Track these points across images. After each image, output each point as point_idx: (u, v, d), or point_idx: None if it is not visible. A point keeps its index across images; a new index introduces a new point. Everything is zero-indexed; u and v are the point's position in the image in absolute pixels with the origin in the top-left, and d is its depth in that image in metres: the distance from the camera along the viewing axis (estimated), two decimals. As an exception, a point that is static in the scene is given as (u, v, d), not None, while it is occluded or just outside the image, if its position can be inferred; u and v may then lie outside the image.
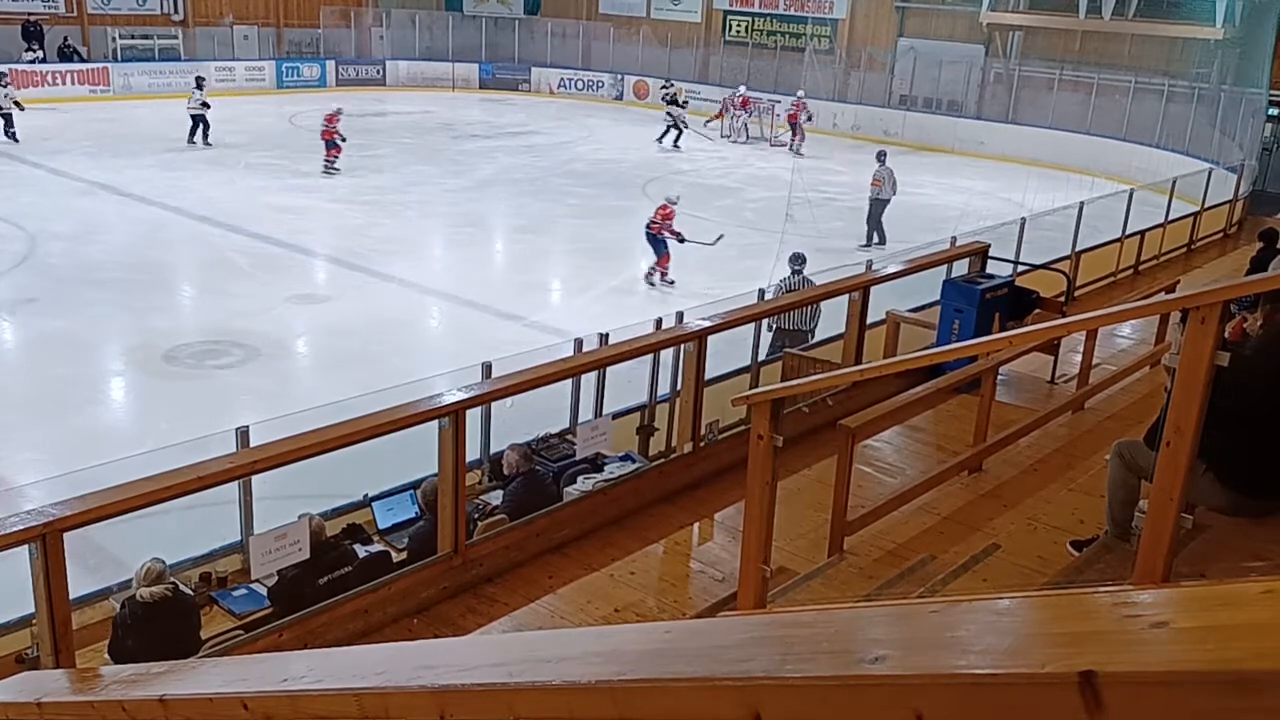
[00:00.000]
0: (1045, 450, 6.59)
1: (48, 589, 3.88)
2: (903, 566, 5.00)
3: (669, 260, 14.04)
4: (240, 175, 20.16)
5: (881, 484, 6.10)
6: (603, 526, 6.06)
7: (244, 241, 15.72)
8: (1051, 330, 6.38)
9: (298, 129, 25.99)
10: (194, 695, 1.97)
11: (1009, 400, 7.28)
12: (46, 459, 8.41)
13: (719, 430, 7.04)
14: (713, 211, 19.54)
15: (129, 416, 10.33)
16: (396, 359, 10.92)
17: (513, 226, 18.63)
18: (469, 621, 5.06)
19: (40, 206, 16.74)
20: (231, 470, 4.91)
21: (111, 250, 14.95)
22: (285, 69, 31.56)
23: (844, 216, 19.52)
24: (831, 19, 31.83)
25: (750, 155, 25.76)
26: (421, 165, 22.27)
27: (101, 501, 4.12)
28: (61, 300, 12.73)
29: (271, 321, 11.94)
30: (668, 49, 33.45)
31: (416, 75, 33.67)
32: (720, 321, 7.31)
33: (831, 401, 7.37)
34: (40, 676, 3.20)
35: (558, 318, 12.56)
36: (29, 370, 11.03)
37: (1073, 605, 0.98)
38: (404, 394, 5.60)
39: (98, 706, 2.24)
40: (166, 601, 4.00)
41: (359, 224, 17.05)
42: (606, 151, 25.20)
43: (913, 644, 0.97)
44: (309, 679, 1.75)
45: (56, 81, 27.19)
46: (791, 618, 1.75)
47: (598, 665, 1.27)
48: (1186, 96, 24.39)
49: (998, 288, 8.39)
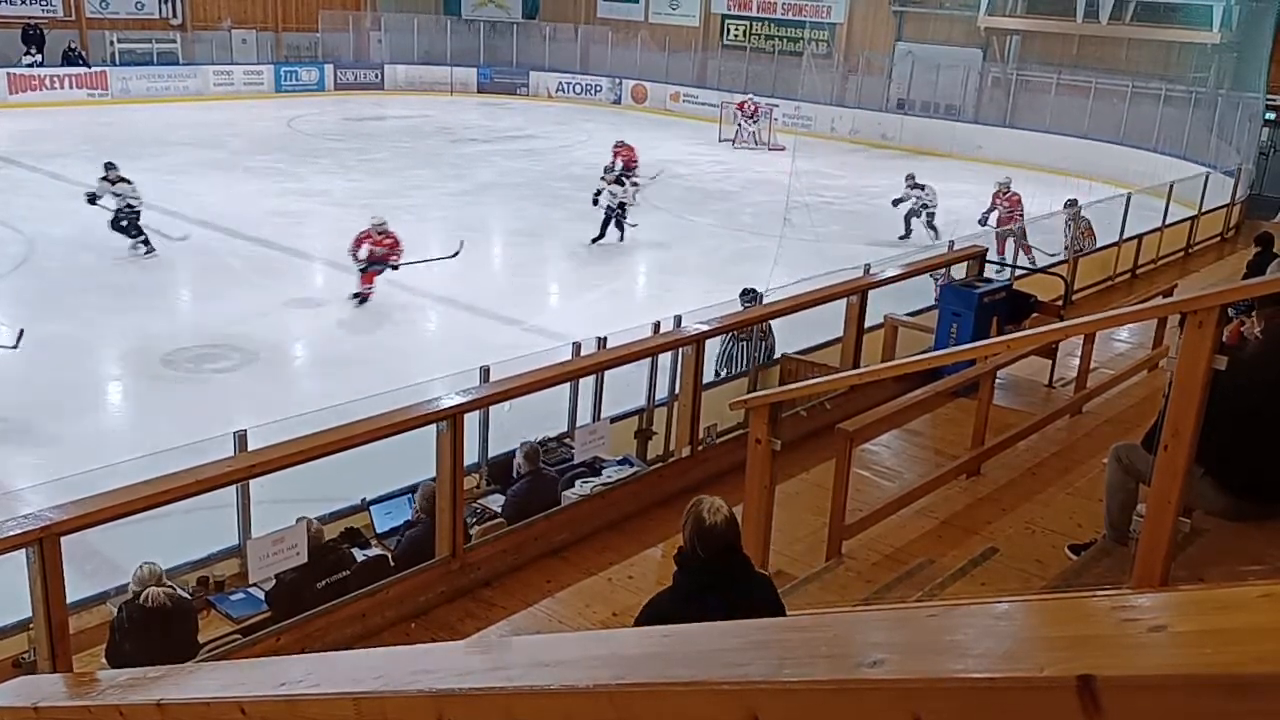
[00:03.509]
0: (1043, 454, 6.60)
1: (45, 593, 3.87)
2: (901, 570, 5.01)
3: (370, 280, 13.22)
4: (238, 179, 20.15)
5: (880, 488, 6.11)
6: (601, 530, 6.06)
7: (242, 245, 15.71)
8: (1049, 334, 6.39)
9: (296, 133, 26.01)
10: (191, 700, 1.96)
11: (1007, 404, 7.28)
12: (44, 463, 8.39)
13: (717, 434, 7.05)
14: (710, 215, 19.57)
15: (127, 420, 10.32)
16: (394, 363, 10.91)
17: (511, 230, 18.62)
18: (467, 625, 5.06)
19: (38, 210, 16.73)
20: (229, 474, 4.91)
21: (108, 254, 14.93)
22: (284, 73, 31.57)
23: (841, 220, 19.54)
24: (829, 23, 31.87)
25: (749, 159, 25.79)
26: (420, 169, 22.27)
27: (99, 505, 4.12)
28: (59, 304, 12.71)
29: (269, 325, 11.94)
30: (666, 53, 33.50)
31: (415, 79, 33.68)
32: (718, 325, 7.32)
33: (830, 405, 7.38)
34: (37, 681, 3.20)
35: (556, 321, 12.56)
36: (26, 374, 11.01)
37: (1071, 609, 0.98)
38: (402, 398, 5.60)
39: (94, 711, 2.23)
40: (164, 605, 4.00)
41: (357, 228, 17.01)
42: (605, 155, 25.17)
43: (911, 648, 0.97)
44: (307, 683, 1.75)
45: (55, 85, 27.18)
46: (789, 621, 1.75)
47: (596, 669, 1.27)
48: (1184, 100, 24.42)
49: (996, 291, 8.41)
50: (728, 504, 3.21)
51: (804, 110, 29.57)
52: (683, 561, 3.11)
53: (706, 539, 3.08)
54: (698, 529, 3.08)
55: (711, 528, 3.07)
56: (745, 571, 3.17)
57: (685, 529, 3.12)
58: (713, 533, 3.07)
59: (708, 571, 3.06)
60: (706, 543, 3.07)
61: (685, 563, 3.10)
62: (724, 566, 3.08)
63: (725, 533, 3.10)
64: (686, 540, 3.11)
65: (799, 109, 29.54)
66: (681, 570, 3.10)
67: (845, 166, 25.25)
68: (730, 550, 3.12)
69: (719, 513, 3.11)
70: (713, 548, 3.07)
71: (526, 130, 28.57)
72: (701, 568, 3.06)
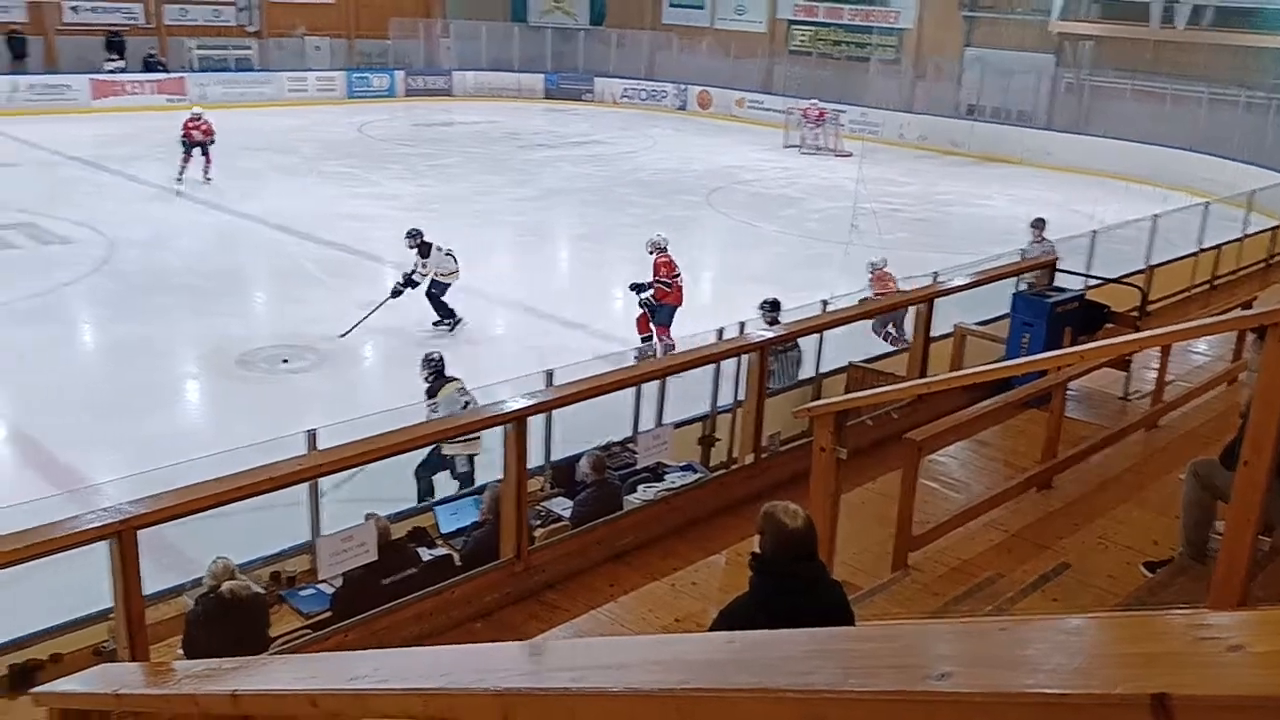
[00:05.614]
0: (1117, 468, 6.45)
1: (124, 585, 3.99)
2: (969, 584, 4.93)
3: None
4: (313, 184, 20.56)
5: (947, 499, 6.02)
6: (664, 536, 6.06)
7: (315, 248, 16.02)
8: (1124, 345, 6.25)
9: (367, 138, 26.46)
10: (265, 691, 2.01)
11: (1079, 416, 7.13)
12: (122, 459, 8.64)
13: (781, 442, 7.01)
14: (775, 222, 19.48)
15: (203, 418, 10.58)
16: (461, 365, 11.04)
17: (576, 235, 18.75)
18: (531, 627, 5.09)
19: (118, 213, 17.23)
20: (301, 472, 5.02)
21: (185, 256, 15.34)
22: (355, 79, 32.17)
23: (909, 227, 19.32)
24: (898, 29, 31.57)
25: (814, 165, 25.64)
26: (487, 175, 22.52)
27: (175, 500, 4.23)
28: (137, 305, 13.09)
29: (341, 327, 12.14)
30: (731, 59, 33.45)
31: (483, 85, 34.08)
32: (783, 333, 7.29)
33: (896, 414, 7.30)
34: (117, 669, 3.30)
35: (621, 326, 12.61)
36: (107, 373, 11.35)
37: (1146, 626, 0.97)
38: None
39: (172, 700, 2.30)
40: (238, 599, 4.10)
41: (426, 232, 17.27)
42: (669, 161, 25.25)
43: (980, 661, 0.97)
44: (375, 678, 1.79)
45: (136, 91, 28.02)
46: (856, 631, 1.74)
47: (660, 673, 1.28)
48: (1264, 107, 23.75)
49: (1068, 301, 8.24)
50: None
51: (871, 116, 29.32)
52: (760, 567, 3.05)
53: (786, 543, 3.02)
54: (777, 533, 3.03)
55: (793, 532, 3.01)
56: (822, 578, 3.13)
57: (762, 534, 3.05)
58: (793, 537, 3.01)
59: (787, 576, 3.00)
60: (786, 547, 3.01)
61: (763, 568, 3.04)
62: (803, 572, 3.03)
63: (805, 538, 3.05)
64: (764, 545, 3.05)
65: (866, 115, 29.30)
66: (759, 575, 3.04)
67: (913, 173, 24.99)
68: (810, 556, 3.08)
69: (798, 517, 3.05)
70: (792, 553, 3.02)
71: (592, 136, 28.73)
72: (781, 572, 3.00)
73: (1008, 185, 23.95)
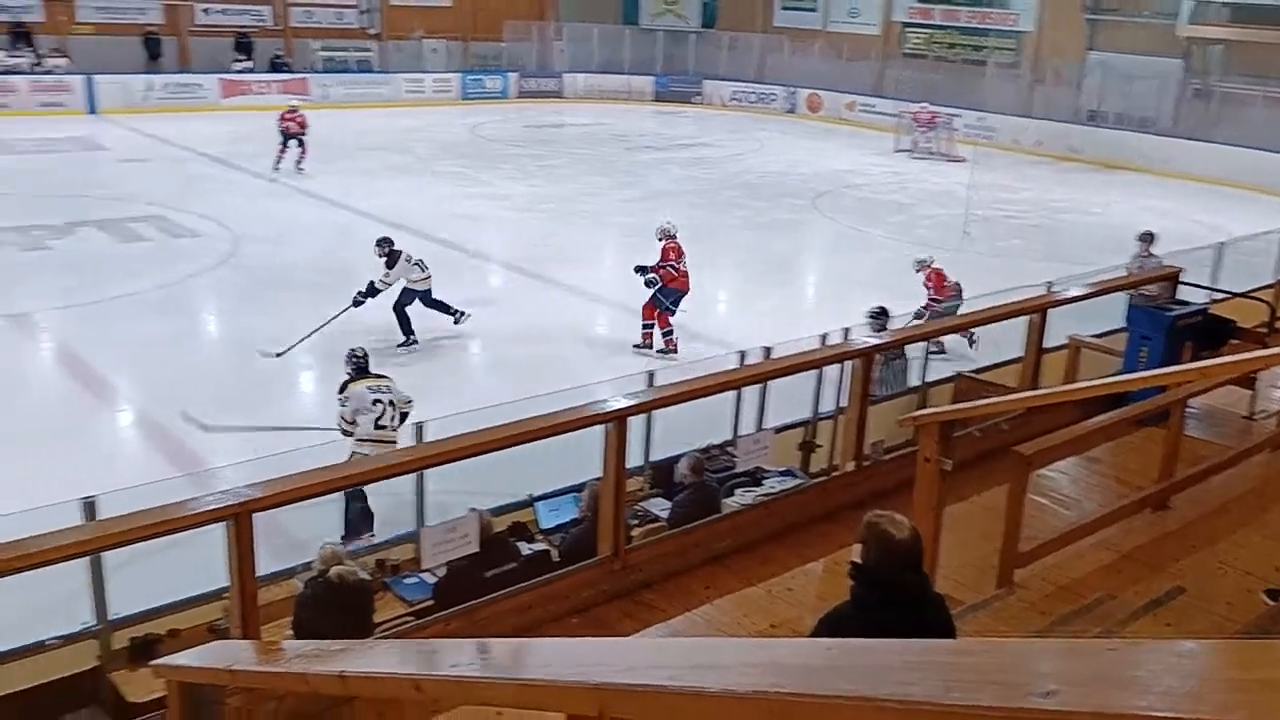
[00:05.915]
0: (1239, 490, 6.18)
1: (239, 565, 4.15)
2: (1077, 604, 4.78)
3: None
4: (427, 183, 21.05)
5: (1056, 515, 5.85)
6: (762, 541, 6.03)
7: (428, 246, 16.36)
8: (1250, 362, 5.99)
9: (480, 139, 26.97)
10: (371, 673, 2.08)
11: (1199, 435, 6.85)
12: (241, 444, 9.00)
13: (884, 450, 6.91)
14: (884, 227, 19.19)
15: (317, 408, 10.91)
16: (564, 364, 11.17)
17: (682, 238, 18.71)
18: (626, 625, 5.12)
19: (243, 208, 17.91)
20: (407, 464, 5.15)
21: (305, 252, 15.86)
22: (470, 81, 32.83)
23: (1024, 234, 18.84)
24: (1017, 31, 30.80)
25: (925, 170, 25.18)
26: (595, 176, 22.73)
27: (290, 485, 4.39)
28: (257, 298, 13.60)
29: (450, 322, 12.39)
30: (843, 61, 33.08)
31: (593, 87, 34.42)
32: (889, 339, 7.19)
33: (1006, 427, 7.13)
34: (231, 646, 3.44)
35: (723, 329, 12.58)
36: (229, 363, 11.81)
37: (1261, 652, 0.94)
38: (570, 398, 5.73)
39: (283, 678, 2.39)
40: (346, 584, 4.22)
41: (535, 232, 17.54)
42: (777, 164, 25.11)
43: (1087, 680, 0.95)
44: (476, 667, 1.83)
45: (262, 90, 29.11)
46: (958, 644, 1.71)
47: (756, 676, 1.28)
48: None
49: (1190, 315, 7.92)
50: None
51: (988, 121, 28.67)
52: (864, 577, 2.99)
53: (892, 555, 2.96)
54: (883, 544, 2.97)
55: (900, 543, 2.96)
56: (927, 591, 3.08)
57: (866, 543, 3.00)
58: (900, 548, 2.96)
59: (893, 587, 2.95)
60: (892, 559, 2.96)
61: (867, 578, 2.98)
62: (908, 583, 2.98)
63: (912, 549, 2.99)
64: (867, 555, 2.99)
65: (982, 119, 28.67)
66: (862, 585, 2.99)
67: (1029, 179, 24.34)
68: (916, 568, 3.03)
69: (904, 528, 2.99)
70: (899, 564, 2.96)
71: (700, 138, 28.74)
72: (886, 583, 2.95)
73: (1127, 193, 23.13)
